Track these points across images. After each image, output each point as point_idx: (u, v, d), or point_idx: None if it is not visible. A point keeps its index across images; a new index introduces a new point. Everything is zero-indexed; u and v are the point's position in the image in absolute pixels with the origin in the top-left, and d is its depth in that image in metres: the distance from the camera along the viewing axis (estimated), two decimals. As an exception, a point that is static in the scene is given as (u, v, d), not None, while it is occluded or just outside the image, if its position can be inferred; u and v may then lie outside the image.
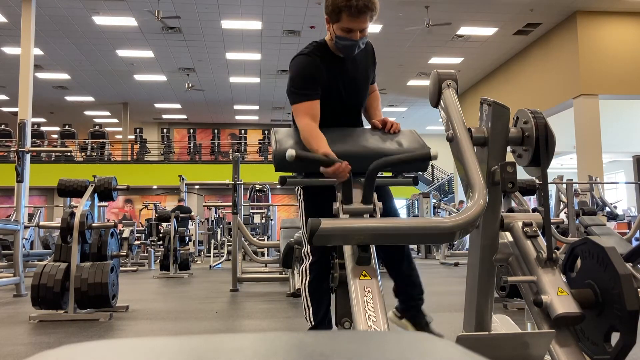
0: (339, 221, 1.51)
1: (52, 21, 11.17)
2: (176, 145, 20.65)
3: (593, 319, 1.33)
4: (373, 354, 0.36)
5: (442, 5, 10.57)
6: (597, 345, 1.32)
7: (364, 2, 1.81)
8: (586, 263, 1.39)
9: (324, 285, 1.94)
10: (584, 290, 1.33)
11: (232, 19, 11.23)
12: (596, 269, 1.33)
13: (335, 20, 1.88)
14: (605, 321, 1.28)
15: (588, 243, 1.40)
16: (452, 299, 4.54)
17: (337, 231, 1.40)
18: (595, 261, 1.34)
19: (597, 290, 1.31)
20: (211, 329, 3.27)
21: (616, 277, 1.25)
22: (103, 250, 3.94)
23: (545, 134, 1.45)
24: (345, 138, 1.91)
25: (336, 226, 1.42)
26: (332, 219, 1.45)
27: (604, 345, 1.29)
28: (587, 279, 1.35)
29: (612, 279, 1.26)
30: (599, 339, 1.30)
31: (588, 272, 1.37)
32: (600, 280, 1.31)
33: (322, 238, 1.38)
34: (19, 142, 5.38)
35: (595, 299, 1.30)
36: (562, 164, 16.39)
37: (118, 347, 0.38)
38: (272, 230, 11.45)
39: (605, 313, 1.28)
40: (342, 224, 1.46)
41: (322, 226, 1.35)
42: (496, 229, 1.54)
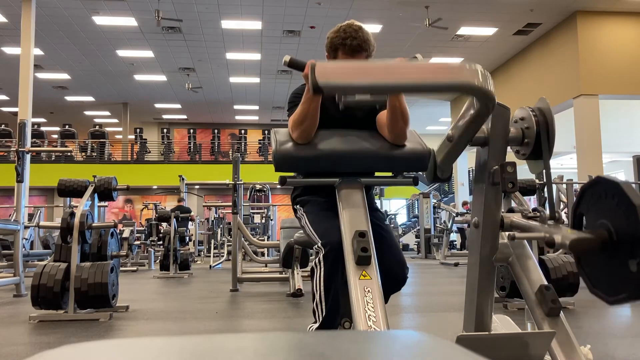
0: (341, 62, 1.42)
1: (52, 21, 11.17)
2: (176, 145, 20.66)
3: (605, 257, 1.29)
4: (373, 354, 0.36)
5: (442, 5, 10.57)
6: (605, 282, 1.28)
7: (358, 42, 1.90)
8: (598, 204, 1.34)
9: (338, 280, 1.83)
10: (597, 230, 1.29)
11: (232, 19, 11.23)
12: (609, 207, 1.28)
13: (333, 57, 1.96)
14: (622, 259, 1.24)
15: (600, 182, 1.35)
16: (452, 299, 4.54)
17: (341, 70, 1.18)
18: (609, 199, 1.29)
19: (612, 229, 1.26)
20: (211, 329, 3.27)
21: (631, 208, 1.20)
22: (103, 250, 3.94)
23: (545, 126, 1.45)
24: (345, 138, 1.91)
25: (340, 65, 1.26)
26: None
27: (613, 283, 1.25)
28: (600, 219, 1.31)
29: (627, 211, 1.21)
30: (609, 278, 1.27)
31: (600, 212, 1.32)
32: (614, 217, 1.26)
33: (325, 71, 1.12)
34: (19, 142, 5.38)
35: (610, 238, 1.26)
36: (562, 164, 16.39)
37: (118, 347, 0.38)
38: (272, 230, 11.45)
39: (621, 251, 1.24)
40: (345, 64, 1.36)
41: (319, 64, 1.13)
42: (496, 229, 1.54)
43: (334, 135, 1.88)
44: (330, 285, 1.80)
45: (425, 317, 3.75)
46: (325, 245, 1.79)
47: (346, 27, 1.93)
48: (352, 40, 1.89)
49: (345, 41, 1.89)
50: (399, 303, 4.37)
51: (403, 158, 1.84)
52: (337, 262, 1.77)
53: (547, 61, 12.00)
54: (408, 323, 3.48)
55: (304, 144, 1.82)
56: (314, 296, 1.84)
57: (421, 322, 3.53)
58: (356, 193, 1.74)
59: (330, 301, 1.81)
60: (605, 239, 1.24)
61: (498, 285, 3.89)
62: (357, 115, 2.03)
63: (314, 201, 2.02)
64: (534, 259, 1.55)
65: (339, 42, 1.91)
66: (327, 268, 1.79)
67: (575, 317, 3.49)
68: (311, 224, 1.94)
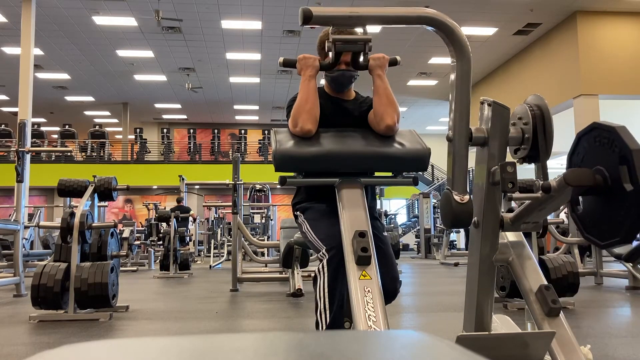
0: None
1: (52, 21, 11.17)
2: (176, 145, 20.66)
3: (599, 201, 1.27)
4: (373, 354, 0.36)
5: (442, 5, 10.57)
6: (597, 227, 1.27)
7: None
8: (593, 150, 1.32)
9: (343, 285, 1.78)
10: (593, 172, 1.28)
11: (232, 19, 11.24)
12: (604, 153, 1.27)
13: (325, 57, 1.99)
14: (616, 204, 1.22)
15: (596, 129, 1.33)
16: (452, 299, 4.54)
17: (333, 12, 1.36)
18: (605, 145, 1.28)
19: (607, 174, 1.25)
20: (211, 329, 3.27)
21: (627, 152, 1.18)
22: (103, 250, 3.94)
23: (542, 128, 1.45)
24: (345, 138, 1.91)
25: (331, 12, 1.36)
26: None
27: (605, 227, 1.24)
28: (595, 166, 1.29)
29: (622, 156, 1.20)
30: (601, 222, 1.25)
31: (596, 159, 1.30)
32: (609, 163, 1.24)
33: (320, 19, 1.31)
34: (19, 142, 5.38)
35: (604, 183, 1.25)
36: (562, 164, 16.36)
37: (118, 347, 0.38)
38: (272, 230, 11.45)
39: (614, 196, 1.22)
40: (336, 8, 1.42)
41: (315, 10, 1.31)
42: (496, 229, 1.54)
43: (334, 135, 1.88)
44: (335, 290, 1.75)
45: (425, 317, 3.75)
46: (329, 249, 1.77)
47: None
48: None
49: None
50: (399, 303, 4.37)
51: (403, 158, 1.84)
52: (341, 266, 1.74)
53: (547, 61, 12.01)
54: (408, 323, 3.48)
55: (306, 139, 1.82)
56: (318, 305, 1.77)
57: (421, 322, 3.54)
58: (356, 193, 1.74)
59: (335, 308, 1.76)
60: (600, 182, 1.23)
61: (498, 285, 3.89)
62: (354, 114, 2.04)
63: (314, 208, 2.01)
64: (534, 259, 1.55)
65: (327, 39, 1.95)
66: (332, 273, 1.75)
67: (575, 317, 3.49)
68: (313, 230, 1.92)
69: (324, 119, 1.91)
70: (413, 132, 1.99)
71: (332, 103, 2.04)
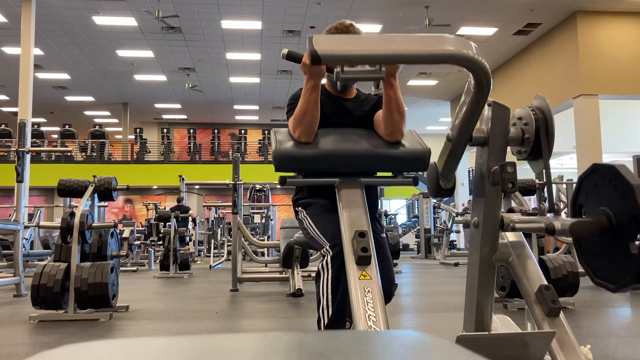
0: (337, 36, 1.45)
1: (52, 21, 11.17)
2: (176, 145, 20.66)
3: (606, 243, 1.28)
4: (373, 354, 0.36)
5: (442, 5, 10.58)
6: (607, 270, 1.28)
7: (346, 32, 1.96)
8: (596, 192, 1.33)
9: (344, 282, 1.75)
10: (598, 217, 1.29)
11: (232, 19, 11.23)
12: (607, 193, 1.27)
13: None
14: (622, 243, 1.23)
15: (596, 170, 1.34)
16: (452, 299, 4.54)
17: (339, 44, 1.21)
18: (607, 185, 1.29)
19: (611, 214, 1.25)
20: (211, 329, 3.27)
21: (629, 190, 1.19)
22: (103, 250, 3.94)
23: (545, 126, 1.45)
24: (345, 138, 1.91)
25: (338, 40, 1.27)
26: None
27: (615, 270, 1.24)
28: (599, 207, 1.30)
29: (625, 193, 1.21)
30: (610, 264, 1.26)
31: (599, 199, 1.31)
32: (613, 202, 1.25)
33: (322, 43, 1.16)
34: (19, 142, 5.38)
35: (610, 224, 1.25)
36: (562, 164, 16.39)
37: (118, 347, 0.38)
38: (272, 230, 11.45)
39: (621, 234, 1.23)
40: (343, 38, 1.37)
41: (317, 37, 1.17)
42: (496, 229, 1.54)
43: (335, 134, 1.88)
44: (338, 288, 1.74)
45: (425, 317, 3.75)
46: (334, 247, 1.76)
47: (337, 25, 1.99)
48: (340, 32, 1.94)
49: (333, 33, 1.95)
50: (399, 303, 4.37)
51: (403, 158, 1.84)
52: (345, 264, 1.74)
53: (547, 61, 12.00)
54: (408, 323, 3.48)
55: (305, 143, 1.81)
56: (320, 301, 1.77)
57: (421, 322, 3.54)
58: (356, 193, 1.74)
59: (337, 305, 1.76)
60: (605, 224, 1.24)
61: (498, 285, 3.89)
62: (354, 113, 2.03)
63: (316, 203, 2.00)
64: (534, 259, 1.55)
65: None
66: (336, 270, 1.75)
67: (575, 317, 3.49)
68: (316, 226, 1.91)
69: (324, 118, 1.90)
70: (413, 132, 1.99)
71: (332, 102, 2.03)
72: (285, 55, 1.84)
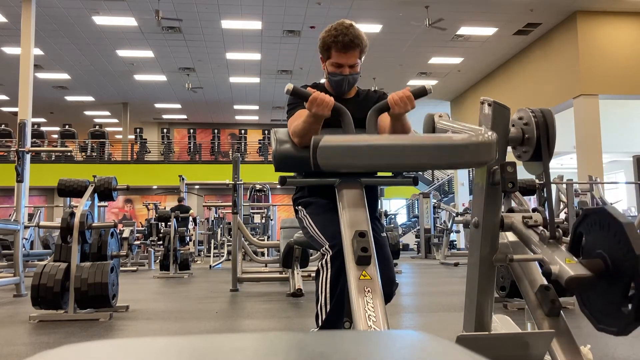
0: (345, 136, 1.42)
1: (52, 21, 11.17)
2: (176, 145, 20.66)
3: (604, 288, 1.30)
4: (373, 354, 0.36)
5: (442, 5, 10.58)
6: (609, 315, 1.29)
7: (350, 38, 1.92)
8: (593, 234, 1.36)
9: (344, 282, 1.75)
10: (594, 260, 1.31)
11: (232, 19, 11.24)
12: (605, 237, 1.30)
13: (327, 57, 1.99)
14: (617, 289, 1.25)
15: (593, 214, 1.37)
16: (452, 299, 4.54)
17: (342, 147, 1.29)
18: (603, 230, 1.32)
19: (607, 258, 1.28)
20: (211, 329, 3.27)
21: (627, 241, 1.22)
22: (103, 250, 3.94)
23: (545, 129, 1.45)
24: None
25: (341, 142, 1.30)
26: (334, 135, 1.36)
27: (616, 313, 1.26)
28: (596, 249, 1.33)
29: (623, 244, 1.24)
30: (611, 309, 1.28)
31: (596, 242, 1.34)
32: (610, 248, 1.28)
33: (326, 151, 1.25)
34: (19, 142, 5.38)
35: (606, 267, 1.28)
36: (562, 164, 16.39)
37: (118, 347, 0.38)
38: (272, 230, 11.45)
39: (616, 280, 1.26)
40: (346, 140, 1.36)
41: (325, 139, 1.25)
42: (496, 229, 1.54)
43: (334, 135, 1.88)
44: (336, 287, 1.77)
45: (425, 317, 3.75)
46: (334, 246, 1.77)
47: (337, 26, 1.95)
48: (343, 37, 1.91)
49: (337, 38, 1.92)
50: (399, 303, 4.37)
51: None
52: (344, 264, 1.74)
53: (547, 61, 12.01)
54: (408, 323, 3.48)
55: (297, 139, 1.84)
56: (319, 299, 1.80)
57: (421, 322, 3.54)
58: (356, 193, 1.74)
59: (335, 304, 1.78)
60: (602, 268, 1.27)
61: (498, 285, 3.89)
62: (355, 116, 2.02)
63: (317, 202, 2.01)
64: (534, 259, 1.55)
65: (331, 41, 1.93)
66: (335, 270, 1.76)
67: (575, 317, 3.49)
68: (316, 225, 1.92)
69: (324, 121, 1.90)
70: (413, 132, 1.99)
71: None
72: (290, 91, 1.74)
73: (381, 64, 13.67)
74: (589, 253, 1.35)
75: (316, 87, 2.07)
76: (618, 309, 1.25)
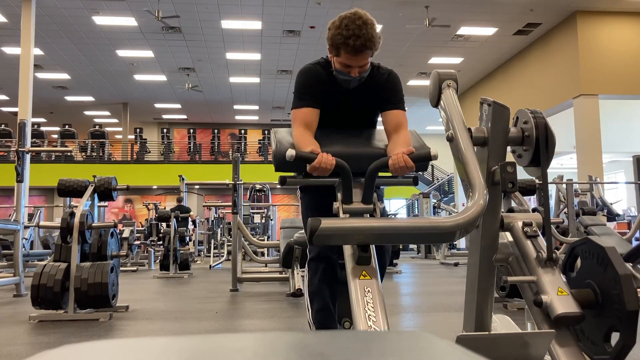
0: (339, 221, 1.51)
1: (52, 21, 11.17)
2: (176, 145, 20.65)
3: (593, 318, 1.33)
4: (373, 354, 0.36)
5: (442, 5, 10.57)
6: (597, 345, 1.32)
7: (362, 42, 1.77)
8: (586, 263, 1.39)
9: (326, 284, 1.82)
10: (584, 291, 1.33)
11: (232, 19, 11.23)
12: (596, 269, 1.33)
13: (335, 54, 1.86)
14: (605, 321, 1.28)
15: (588, 243, 1.40)
16: (452, 299, 4.54)
17: (336, 231, 1.42)
18: (595, 261, 1.34)
19: (597, 290, 1.31)
20: (211, 329, 3.27)
21: (616, 277, 1.25)
22: (103, 250, 3.94)
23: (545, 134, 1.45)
24: (346, 139, 1.92)
25: (336, 226, 1.43)
26: (332, 219, 1.45)
27: (604, 345, 1.29)
28: (587, 279, 1.35)
29: (612, 279, 1.26)
30: (599, 339, 1.30)
31: (588, 272, 1.37)
32: (600, 280, 1.31)
33: (322, 238, 1.40)
34: (19, 142, 5.38)
35: (595, 299, 1.30)
36: (562, 164, 16.39)
37: (118, 347, 0.38)
38: (272, 230, 11.45)
39: (605, 313, 1.28)
40: (341, 224, 1.47)
41: (322, 226, 1.38)
42: (496, 229, 1.54)
43: (335, 135, 1.89)
44: (313, 287, 1.81)
45: (425, 317, 3.75)
46: (311, 250, 1.80)
47: (349, 22, 1.78)
48: (355, 40, 1.77)
49: (348, 41, 1.78)
50: (399, 303, 4.37)
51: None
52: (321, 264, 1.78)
53: (547, 61, 12.00)
54: (408, 323, 3.48)
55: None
56: (305, 302, 1.87)
57: (421, 322, 3.54)
58: (356, 193, 1.74)
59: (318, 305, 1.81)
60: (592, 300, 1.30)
61: (498, 285, 3.89)
62: (353, 109, 2.02)
63: (311, 190, 2.03)
64: (534, 259, 1.55)
65: (341, 42, 1.79)
66: (312, 271, 1.80)
67: (575, 317, 3.48)
68: (304, 219, 1.97)
69: (323, 114, 1.92)
70: (413, 132, 2.00)
71: (333, 92, 1.96)
72: (293, 158, 1.63)
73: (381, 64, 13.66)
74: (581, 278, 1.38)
75: (326, 63, 1.97)
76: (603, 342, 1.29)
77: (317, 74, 1.94)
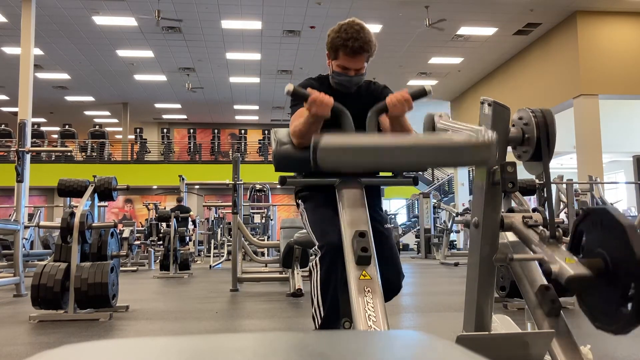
0: (344, 137, 1.37)
1: (52, 21, 11.17)
2: (176, 145, 20.66)
3: (603, 287, 1.30)
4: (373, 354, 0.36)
5: (442, 5, 10.58)
6: (607, 314, 1.30)
7: (360, 44, 1.88)
8: (591, 236, 1.36)
9: (336, 283, 1.79)
10: (594, 259, 1.31)
11: (232, 19, 11.24)
12: (601, 235, 1.31)
13: (334, 57, 1.96)
14: (617, 289, 1.26)
15: (594, 213, 1.37)
16: (452, 299, 4.54)
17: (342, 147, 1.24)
18: (599, 228, 1.32)
19: (607, 257, 1.28)
20: (211, 329, 3.27)
21: (621, 229, 1.22)
22: (103, 250, 3.94)
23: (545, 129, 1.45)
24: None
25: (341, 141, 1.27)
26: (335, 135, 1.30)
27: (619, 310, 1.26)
28: (596, 248, 1.33)
29: (618, 231, 1.24)
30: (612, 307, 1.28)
31: (594, 243, 1.34)
32: (610, 248, 1.28)
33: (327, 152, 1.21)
34: (19, 142, 5.38)
35: (606, 267, 1.28)
36: (562, 164, 16.39)
37: (118, 347, 0.38)
38: (272, 230, 11.45)
39: (617, 277, 1.26)
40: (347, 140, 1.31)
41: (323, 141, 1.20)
42: (496, 229, 1.54)
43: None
44: (327, 288, 1.77)
45: (425, 317, 3.75)
46: (322, 247, 1.78)
47: (347, 27, 1.90)
48: (353, 42, 1.87)
49: (347, 42, 1.88)
50: (399, 303, 4.37)
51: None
52: (334, 264, 1.75)
53: (547, 61, 12.00)
54: (408, 323, 3.48)
55: (296, 139, 1.85)
56: (312, 300, 1.82)
57: (421, 322, 3.54)
58: (356, 193, 1.74)
59: (329, 305, 1.78)
60: (601, 267, 1.27)
61: (498, 285, 3.89)
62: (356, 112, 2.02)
63: (314, 197, 2.02)
64: (534, 259, 1.55)
65: (340, 44, 1.89)
66: (325, 270, 1.77)
67: (575, 317, 3.48)
68: (310, 222, 1.93)
69: None
70: (414, 132, 1.99)
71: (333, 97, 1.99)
72: (290, 92, 1.72)
73: (381, 64, 13.66)
74: (589, 252, 1.35)
75: (320, 78, 2.07)
76: (617, 309, 1.25)
77: (312, 84, 2.00)
